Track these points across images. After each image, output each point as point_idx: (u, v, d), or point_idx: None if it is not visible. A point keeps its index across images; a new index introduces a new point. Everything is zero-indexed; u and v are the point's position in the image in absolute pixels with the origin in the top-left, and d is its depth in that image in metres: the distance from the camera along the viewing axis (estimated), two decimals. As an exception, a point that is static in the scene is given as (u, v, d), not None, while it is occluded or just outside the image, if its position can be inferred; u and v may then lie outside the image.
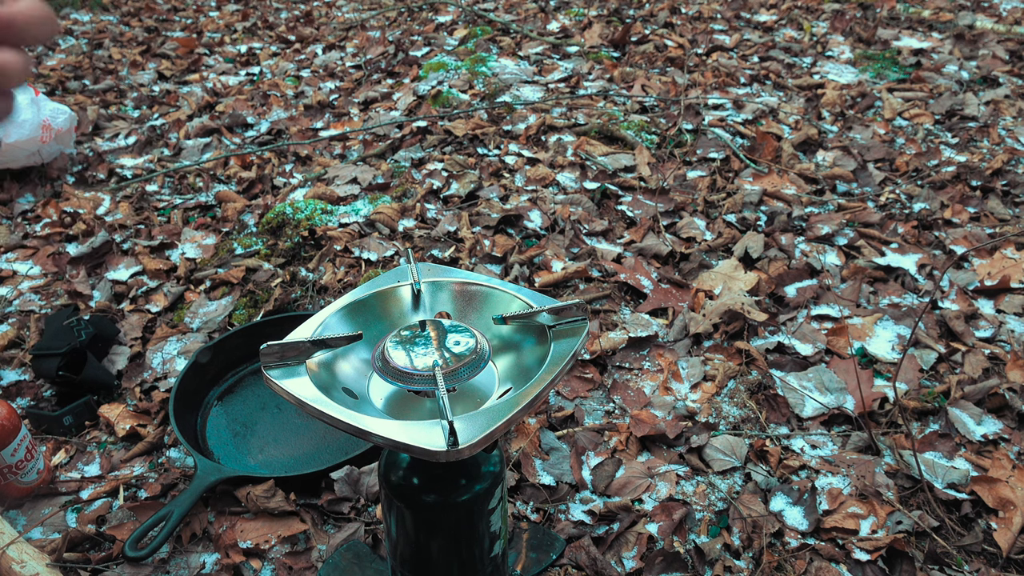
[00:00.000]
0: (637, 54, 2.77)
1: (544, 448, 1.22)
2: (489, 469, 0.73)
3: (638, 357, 1.41)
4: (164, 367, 1.44)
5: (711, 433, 1.23)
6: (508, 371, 0.72)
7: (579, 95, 2.43)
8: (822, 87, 2.46)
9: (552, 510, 1.12)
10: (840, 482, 1.14)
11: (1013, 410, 1.24)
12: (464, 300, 0.79)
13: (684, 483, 1.16)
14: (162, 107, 2.73)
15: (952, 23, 2.91)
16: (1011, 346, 1.38)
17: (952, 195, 1.83)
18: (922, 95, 2.37)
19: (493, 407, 0.63)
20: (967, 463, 1.16)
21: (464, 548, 0.76)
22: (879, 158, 2.03)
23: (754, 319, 1.44)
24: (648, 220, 1.78)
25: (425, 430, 0.60)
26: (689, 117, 2.24)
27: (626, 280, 1.58)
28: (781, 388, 1.32)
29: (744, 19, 3.15)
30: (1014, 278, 1.53)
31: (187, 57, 3.27)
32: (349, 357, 0.73)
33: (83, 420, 1.33)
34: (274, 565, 1.07)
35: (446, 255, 1.68)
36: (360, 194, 1.97)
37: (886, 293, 1.53)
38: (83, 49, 3.42)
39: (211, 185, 2.11)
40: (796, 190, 1.90)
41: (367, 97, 2.61)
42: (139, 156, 2.35)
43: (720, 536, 1.07)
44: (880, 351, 1.38)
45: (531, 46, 2.86)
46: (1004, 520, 1.06)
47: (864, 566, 1.02)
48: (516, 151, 2.12)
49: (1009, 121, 2.20)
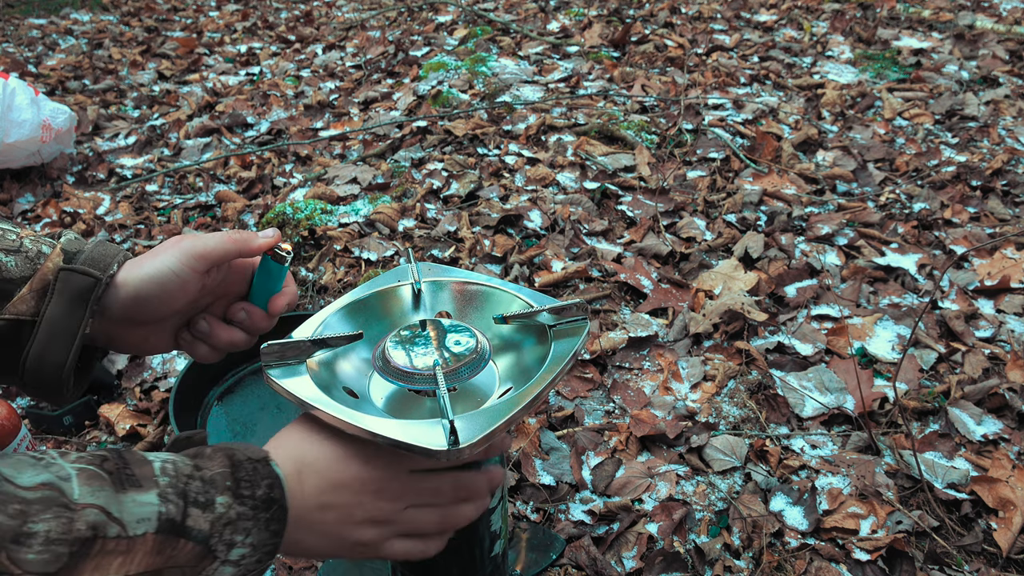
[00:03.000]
0: (637, 54, 2.77)
1: (544, 448, 1.22)
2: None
3: (638, 357, 1.41)
4: (164, 367, 1.44)
5: (711, 433, 1.23)
6: (508, 371, 0.72)
7: (579, 95, 2.43)
8: (822, 87, 2.46)
9: (552, 510, 1.12)
10: (840, 482, 1.14)
11: (1013, 410, 1.24)
12: (464, 300, 0.79)
13: (684, 483, 1.16)
14: (162, 107, 2.73)
15: (952, 23, 2.91)
16: (1011, 346, 1.38)
17: (952, 195, 1.83)
18: (922, 95, 2.37)
19: (494, 406, 0.63)
20: (967, 463, 1.16)
21: (464, 548, 0.76)
22: (879, 158, 2.03)
23: (754, 319, 1.44)
24: (648, 220, 1.78)
25: (426, 429, 0.60)
26: (689, 117, 2.25)
27: (626, 280, 1.58)
28: (781, 388, 1.32)
29: (744, 19, 3.15)
30: (1014, 278, 1.53)
31: (187, 57, 3.27)
32: (350, 356, 0.73)
33: (83, 420, 1.33)
34: (274, 565, 1.07)
35: (446, 255, 1.68)
36: (360, 194, 1.97)
37: (886, 293, 1.53)
38: (83, 49, 3.42)
39: (211, 185, 2.11)
40: (796, 190, 1.90)
41: (367, 97, 2.61)
42: (139, 156, 2.35)
43: (720, 536, 1.07)
44: (880, 351, 1.39)
45: (531, 46, 2.86)
46: (1004, 520, 1.06)
47: (864, 566, 1.02)
48: (516, 151, 2.12)
49: (1009, 121, 2.20)
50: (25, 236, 0.61)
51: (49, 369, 0.60)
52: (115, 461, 0.48)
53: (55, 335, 0.59)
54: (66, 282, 0.59)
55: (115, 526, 0.45)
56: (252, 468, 0.54)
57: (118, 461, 0.48)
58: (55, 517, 0.42)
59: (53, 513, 0.42)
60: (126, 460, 0.49)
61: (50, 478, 0.43)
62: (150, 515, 0.46)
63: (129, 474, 0.47)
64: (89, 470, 0.45)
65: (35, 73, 3.09)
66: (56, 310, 0.59)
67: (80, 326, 0.59)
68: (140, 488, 0.47)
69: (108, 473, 0.46)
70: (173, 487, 0.48)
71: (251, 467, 0.54)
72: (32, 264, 0.59)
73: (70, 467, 0.45)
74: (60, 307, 0.59)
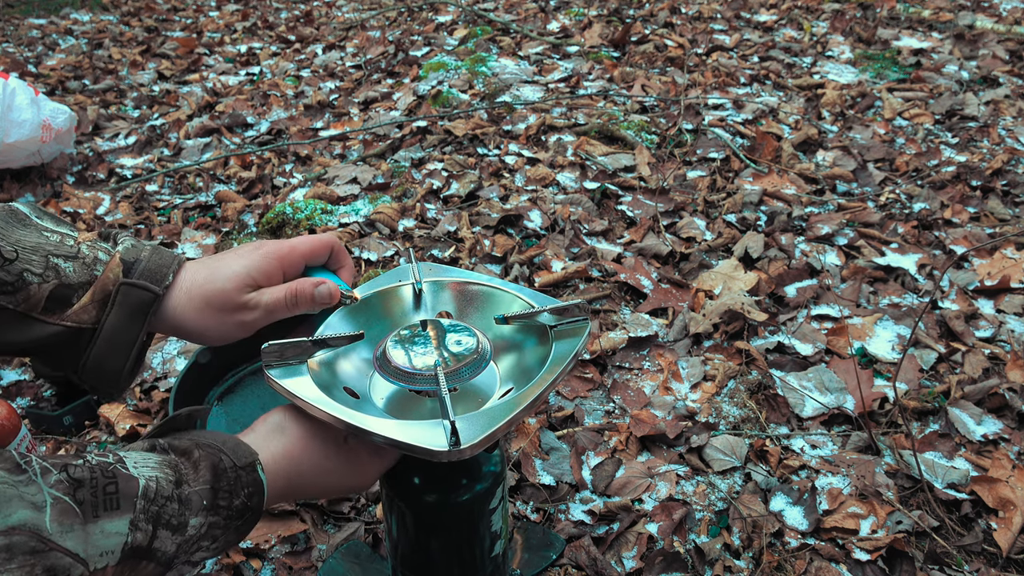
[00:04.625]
0: (637, 54, 2.77)
1: (544, 448, 1.22)
2: (490, 469, 0.73)
3: (638, 357, 1.41)
4: (164, 367, 1.44)
5: (711, 433, 1.23)
6: (509, 371, 0.72)
7: (579, 95, 2.43)
8: (822, 87, 2.46)
9: (552, 510, 1.12)
10: (840, 482, 1.14)
11: (1013, 410, 1.24)
12: (465, 300, 0.79)
13: (684, 483, 1.17)
14: (162, 107, 2.73)
15: (952, 23, 2.91)
16: (1011, 346, 1.38)
17: (952, 195, 1.84)
18: (922, 95, 2.37)
19: (495, 407, 0.63)
20: (967, 463, 1.16)
21: (465, 548, 0.76)
22: (879, 158, 2.03)
23: (754, 319, 1.44)
24: (648, 220, 1.78)
25: (427, 430, 0.60)
26: (689, 117, 2.25)
27: (626, 280, 1.58)
28: (781, 388, 1.32)
29: (744, 19, 3.15)
30: (1014, 278, 1.53)
31: (187, 57, 3.27)
32: (350, 356, 0.73)
33: (83, 420, 1.33)
34: (274, 565, 1.07)
35: (446, 255, 1.69)
36: (360, 194, 1.97)
37: (886, 293, 1.53)
38: (83, 49, 3.42)
39: (211, 185, 2.11)
40: (796, 190, 1.90)
41: (367, 97, 2.61)
42: (139, 156, 2.35)
43: (720, 536, 1.07)
44: (880, 351, 1.39)
45: (531, 46, 2.86)
46: (1004, 520, 1.06)
47: (864, 566, 1.02)
48: (516, 151, 2.12)
49: (1009, 121, 2.20)
50: (82, 241, 0.63)
51: (108, 372, 0.63)
52: (96, 481, 0.48)
53: (115, 344, 0.62)
54: (126, 295, 0.61)
55: (79, 567, 0.46)
56: (235, 477, 0.56)
57: (102, 478, 0.48)
58: (19, 567, 0.43)
59: (18, 563, 0.43)
60: (113, 475, 0.49)
61: (23, 518, 0.43)
62: (115, 547, 0.48)
63: (111, 493, 0.48)
64: (63, 503, 0.46)
65: (35, 73, 3.09)
66: (116, 321, 0.62)
67: (138, 336, 0.63)
68: (116, 511, 0.48)
69: (80, 504, 0.46)
70: (147, 512, 0.49)
71: (234, 476, 0.56)
72: (89, 271, 0.62)
73: (47, 493, 0.45)
74: (120, 319, 0.62)
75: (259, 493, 0.57)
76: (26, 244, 0.60)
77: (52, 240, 0.61)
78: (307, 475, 0.62)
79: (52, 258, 0.60)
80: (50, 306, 0.60)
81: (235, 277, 0.64)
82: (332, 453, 0.64)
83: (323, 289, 0.68)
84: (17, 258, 0.59)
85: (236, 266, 0.65)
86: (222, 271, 0.65)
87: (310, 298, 0.68)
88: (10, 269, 0.58)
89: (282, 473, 0.60)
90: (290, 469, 0.61)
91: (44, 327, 0.60)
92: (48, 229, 0.62)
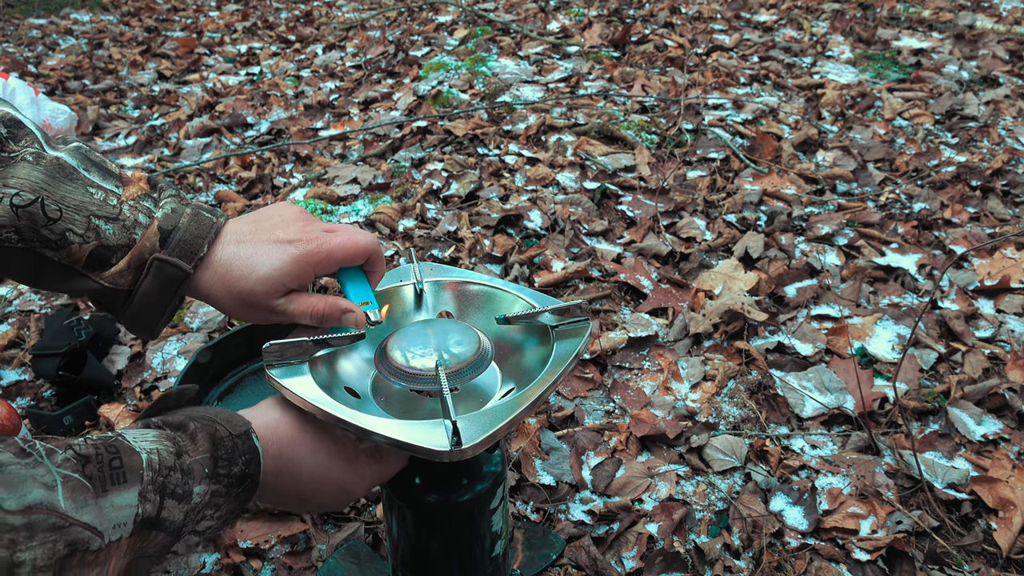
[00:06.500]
0: (637, 54, 2.77)
1: (544, 448, 1.22)
2: (491, 469, 0.73)
3: (638, 357, 1.41)
4: (164, 367, 1.44)
5: (711, 433, 1.23)
6: (510, 371, 0.72)
7: (579, 95, 2.43)
8: (822, 87, 2.46)
9: (552, 510, 1.12)
10: (840, 482, 1.14)
11: (1013, 410, 1.24)
12: (466, 300, 0.79)
13: (684, 483, 1.17)
14: (162, 107, 2.73)
15: (952, 23, 2.91)
16: (1011, 346, 1.38)
17: (952, 195, 1.84)
18: (922, 95, 2.38)
19: (496, 407, 0.63)
20: (967, 463, 1.16)
21: (465, 548, 0.76)
22: (879, 158, 2.03)
23: (754, 319, 1.44)
24: (648, 220, 1.78)
25: (428, 430, 0.60)
26: (689, 117, 2.25)
27: (626, 280, 1.58)
28: (781, 388, 1.32)
29: (744, 19, 3.15)
30: (1014, 278, 1.53)
31: (187, 57, 3.27)
32: (351, 356, 0.73)
33: (83, 420, 1.33)
34: (274, 565, 1.07)
35: (446, 255, 1.69)
36: (360, 194, 1.97)
37: (886, 293, 1.53)
38: (83, 49, 3.42)
39: (211, 185, 2.11)
40: (796, 190, 1.90)
41: (367, 97, 2.61)
42: (139, 156, 2.35)
43: (720, 536, 1.07)
44: (880, 351, 1.39)
45: (531, 46, 2.86)
46: (1004, 520, 1.06)
47: (864, 566, 1.02)
48: (516, 151, 2.12)
49: (1009, 121, 2.20)
50: (125, 201, 0.65)
51: (143, 325, 0.68)
52: (101, 457, 0.49)
53: (148, 307, 0.65)
54: (160, 269, 0.64)
55: (96, 539, 0.46)
56: (232, 445, 0.58)
57: (106, 453, 0.49)
58: (41, 544, 0.43)
59: (39, 540, 0.43)
60: (116, 449, 0.50)
61: (38, 497, 0.44)
62: (127, 519, 0.48)
63: (116, 467, 0.49)
64: (74, 480, 0.47)
65: (35, 73, 3.09)
66: (149, 290, 0.65)
67: (169, 303, 0.66)
68: (124, 484, 0.49)
69: (89, 478, 0.47)
70: (153, 483, 0.51)
71: (231, 444, 0.58)
72: (129, 234, 0.64)
73: (56, 472, 0.46)
74: (153, 288, 0.65)
75: (256, 460, 0.59)
76: (70, 203, 0.61)
77: (96, 198, 0.63)
78: (300, 452, 0.63)
79: (94, 219, 0.62)
80: (91, 263, 0.63)
81: (267, 280, 0.65)
82: (327, 437, 0.65)
83: (350, 318, 0.69)
84: (61, 217, 0.61)
85: (270, 267, 0.65)
86: (257, 269, 0.65)
87: (336, 323, 0.69)
88: (54, 228, 0.61)
89: (274, 440, 0.62)
90: (282, 439, 0.63)
91: (86, 281, 0.64)
92: (94, 184, 0.64)
